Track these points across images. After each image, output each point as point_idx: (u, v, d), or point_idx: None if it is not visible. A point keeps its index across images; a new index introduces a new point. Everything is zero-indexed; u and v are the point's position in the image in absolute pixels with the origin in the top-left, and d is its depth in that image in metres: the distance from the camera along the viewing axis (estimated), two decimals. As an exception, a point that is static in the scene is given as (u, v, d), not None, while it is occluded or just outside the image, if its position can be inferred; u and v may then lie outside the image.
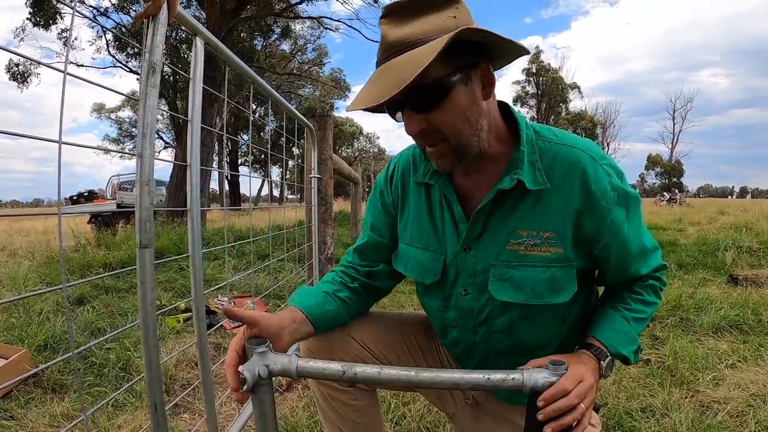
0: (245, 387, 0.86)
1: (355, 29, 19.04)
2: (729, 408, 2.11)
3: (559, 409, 0.82)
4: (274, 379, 0.92)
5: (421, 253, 1.18)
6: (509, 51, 0.98)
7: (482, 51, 0.95)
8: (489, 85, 0.98)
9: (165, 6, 1.06)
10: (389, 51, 0.92)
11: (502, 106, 1.08)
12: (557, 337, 1.14)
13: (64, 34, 16.58)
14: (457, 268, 1.12)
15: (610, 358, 1.01)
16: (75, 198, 15.35)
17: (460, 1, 0.94)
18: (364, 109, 1.01)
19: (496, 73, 1.00)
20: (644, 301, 1.13)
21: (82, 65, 17.44)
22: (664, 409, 2.12)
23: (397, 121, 1.00)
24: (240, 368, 0.88)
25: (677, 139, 68.05)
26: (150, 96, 1.05)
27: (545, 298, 1.04)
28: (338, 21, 19.03)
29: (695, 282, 4.80)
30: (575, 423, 0.83)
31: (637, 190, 1.13)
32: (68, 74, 0.89)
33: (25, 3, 14.26)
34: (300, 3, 17.46)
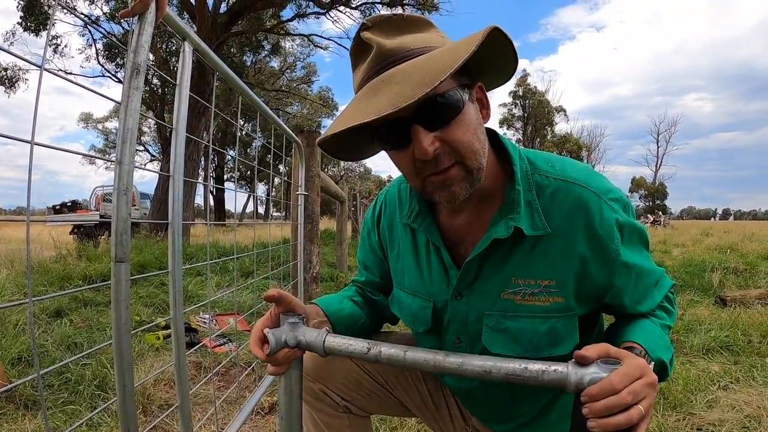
0: (268, 350, 0.84)
1: (345, 48, 19.11)
2: (724, 430, 2.08)
3: (608, 407, 0.67)
4: (261, 399, 0.87)
5: (411, 299, 1.11)
6: (492, 78, 0.92)
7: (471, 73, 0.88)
8: (485, 107, 0.91)
9: (153, 5, 1.01)
10: (389, 58, 0.83)
11: (490, 133, 0.98)
12: None
13: (54, 41, 16.47)
14: (449, 317, 1.04)
15: (653, 364, 0.85)
16: (58, 207, 15.10)
17: (437, 27, 0.90)
18: (335, 156, 0.98)
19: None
20: (665, 308, 1.04)
21: (70, 73, 17.25)
22: (659, 434, 2.07)
23: (387, 149, 0.90)
24: (266, 330, 0.85)
25: (661, 162, 69.10)
26: (132, 99, 1.00)
27: (543, 350, 0.95)
28: (328, 39, 19.20)
29: (683, 303, 4.80)
30: (631, 427, 0.68)
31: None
32: (45, 70, 0.83)
33: (17, 7, 14.17)
34: (291, 20, 17.55)
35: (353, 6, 16.60)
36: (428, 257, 1.06)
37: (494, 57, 0.84)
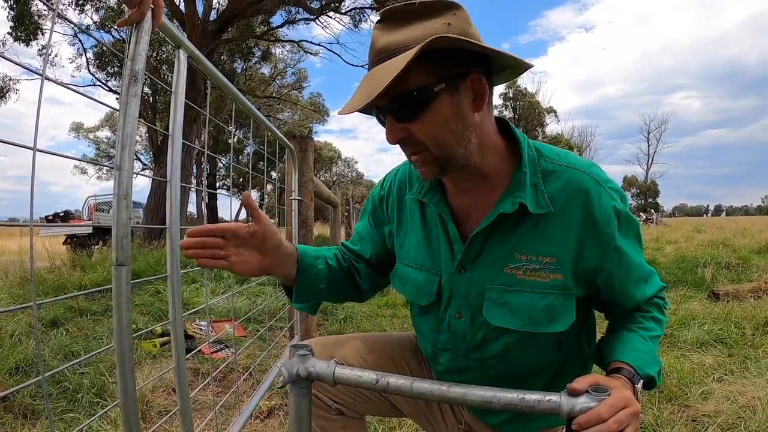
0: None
1: (336, 53, 19.24)
2: (720, 421, 2.11)
3: None
4: (260, 404, 0.89)
5: (416, 273, 1.14)
6: (510, 63, 0.95)
7: (479, 61, 0.91)
8: (480, 97, 0.93)
9: (149, 14, 1.03)
10: (376, 57, 0.90)
11: (502, 123, 1.04)
12: (554, 362, 1.09)
13: (44, 50, 16.43)
14: (451, 290, 1.08)
15: (642, 381, 0.92)
16: (50, 218, 15.00)
17: (460, 7, 0.91)
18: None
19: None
20: (654, 318, 1.07)
21: (61, 83, 17.17)
22: (655, 425, 2.10)
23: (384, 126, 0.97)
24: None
25: (652, 161, 69.62)
26: (131, 106, 1.01)
27: (541, 326, 0.99)
28: (318, 45, 19.26)
29: (677, 299, 4.85)
30: None
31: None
32: (46, 78, 0.85)
33: (7, 17, 14.11)
34: (281, 26, 17.60)
35: (343, 11, 16.66)
36: (436, 232, 1.10)
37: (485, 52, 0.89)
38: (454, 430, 1.27)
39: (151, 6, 1.02)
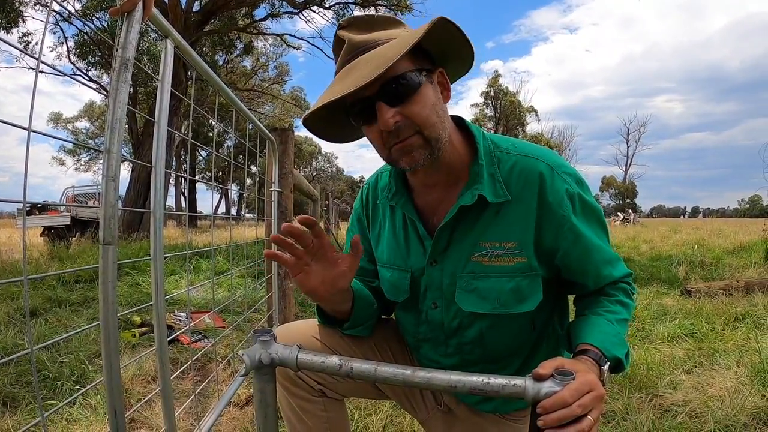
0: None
1: (318, 48, 19.18)
2: (688, 410, 2.18)
3: (561, 419, 0.74)
4: (236, 393, 0.91)
5: (390, 273, 1.21)
6: (456, 67, 1.07)
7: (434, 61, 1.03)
8: (446, 89, 1.04)
9: (140, 4, 1.06)
10: (356, 50, 0.97)
11: (457, 120, 1.12)
12: (528, 343, 1.16)
13: (25, 38, 16.12)
14: (426, 283, 1.14)
15: (608, 363, 0.94)
16: (29, 209, 14.71)
17: (407, 26, 1.04)
18: (322, 137, 1.10)
19: (454, 98, 1.03)
20: (620, 302, 1.10)
21: (41, 71, 16.86)
22: (624, 412, 2.17)
23: (361, 124, 1.02)
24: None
25: (631, 162, 70.59)
26: (120, 91, 1.05)
27: (511, 307, 1.05)
28: (301, 39, 19.20)
29: (650, 295, 4.95)
30: None
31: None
32: (42, 62, 0.87)
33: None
34: (264, 19, 17.50)
35: (326, 6, 16.62)
36: (406, 231, 1.17)
37: (454, 47, 1.00)
38: (433, 411, 1.32)
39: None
